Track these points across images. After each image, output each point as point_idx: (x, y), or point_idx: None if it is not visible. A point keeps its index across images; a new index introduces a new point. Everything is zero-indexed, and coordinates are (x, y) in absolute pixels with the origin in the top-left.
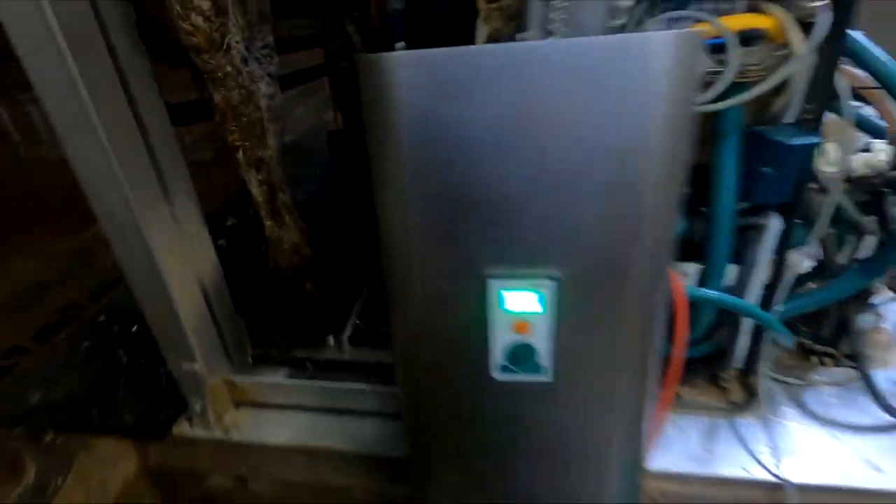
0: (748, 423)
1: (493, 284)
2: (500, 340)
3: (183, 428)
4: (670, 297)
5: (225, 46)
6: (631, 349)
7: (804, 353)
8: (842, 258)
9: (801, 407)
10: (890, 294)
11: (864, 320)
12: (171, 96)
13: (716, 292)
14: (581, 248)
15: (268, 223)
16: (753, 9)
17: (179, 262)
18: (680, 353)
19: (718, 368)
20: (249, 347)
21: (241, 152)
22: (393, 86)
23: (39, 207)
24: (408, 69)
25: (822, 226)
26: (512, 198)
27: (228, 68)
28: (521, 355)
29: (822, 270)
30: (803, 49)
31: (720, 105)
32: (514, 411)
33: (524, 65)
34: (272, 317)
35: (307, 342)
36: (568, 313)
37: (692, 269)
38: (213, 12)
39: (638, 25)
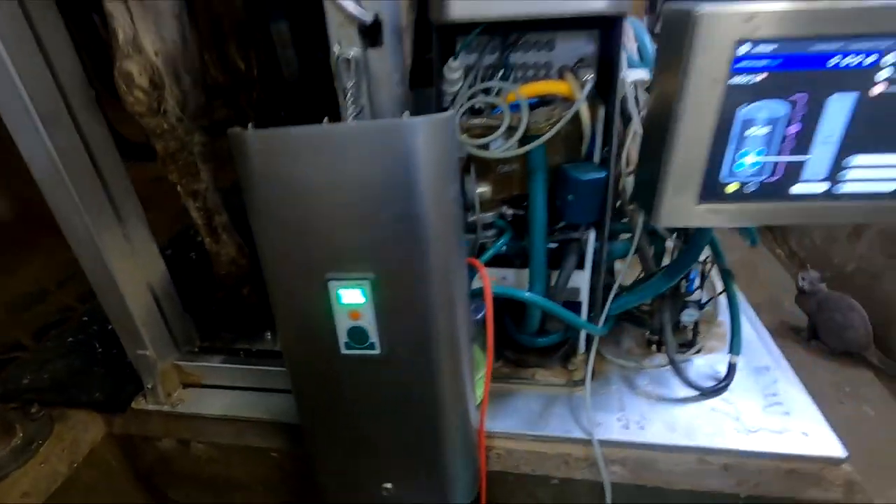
0: (581, 397)
1: (332, 285)
2: (342, 325)
3: (140, 402)
4: (479, 292)
5: (162, 111)
6: (440, 330)
7: (646, 342)
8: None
9: (629, 384)
10: (717, 291)
11: (688, 314)
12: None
13: (526, 292)
14: (384, 257)
15: (207, 240)
16: (561, 76)
17: (130, 271)
18: (490, 337)
19: (570, 354)
20: (198, 340)
21: (179, 187)
22: (246, 152)
23: (45, 219)
24: (254, 142)
25: (636, 239)
26: (337, 226)
27: (165, 126)
28: (357, 335)
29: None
30: (575, 107)
31: (519, 150)
32: (360, 379)
33: (334, 140)
34: (218, 316)
35: (248, 336)
36: (384, 303)
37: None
38: (151, 87)
39: (469, 90)
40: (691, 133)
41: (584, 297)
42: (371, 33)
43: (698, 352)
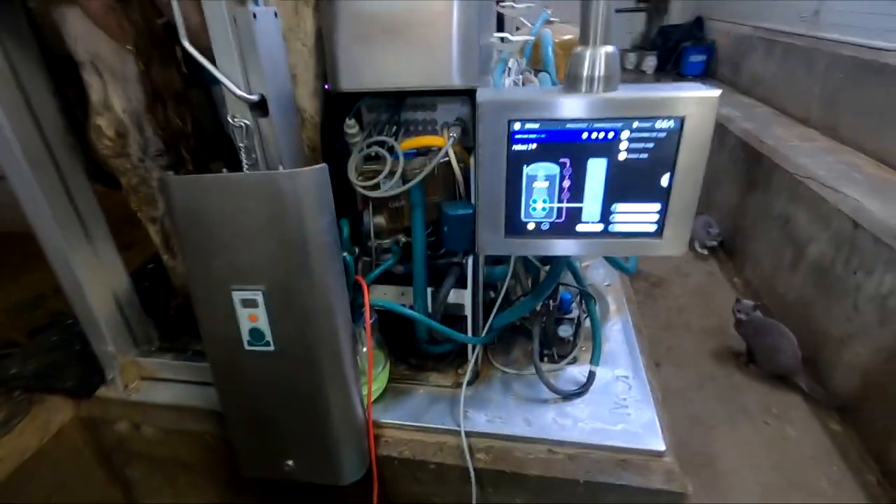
0: (462, 396)
1: (236, 295)
2: (244, 326)
3: (102, 391)
4: (361, 304)
5: (125, 153)
6: (321, 331)
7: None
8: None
9: (506, 387)
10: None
11: (563, 329)
12: None
13: (406, 308)
14: (273, 273)
15: (164, 257)
16: (436, 132)
17: (97, 281)
18: (370, 348)
19: (464, 361)
20: (157, 340)
21: (139, 213)
22: (170, 192)
23: None
24: (175, 185)
25: (511, 264)
26: (237, 249)
27: (128, 165)
28: (256, 335)
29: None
30: (440, 156)
31: (398, 190)
32: (260, 371)
33: (232, 185)
34: (176, 321)
35: (199, 338)
36: (274, 310)
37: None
38: (116, 137)
39: (366, 139)
40: (491, 185)
41: (468, 312)
42: (259, 107)
43: (573, 362)
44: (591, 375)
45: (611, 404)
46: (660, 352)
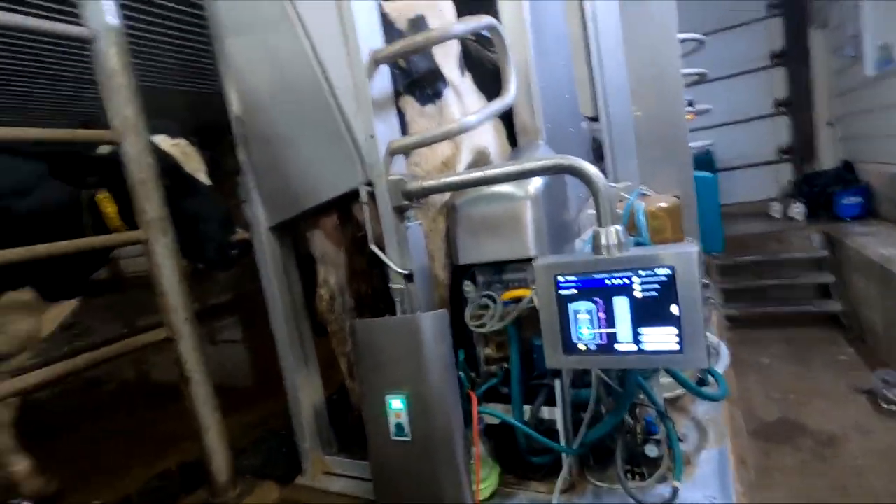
0: (554, 500)
1: (388, 399)
2: (392, 422)
3: (298, 479)
4: (471, 414)
5: (332, 310)
6: (441, 428)
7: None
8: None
9: (598, 498)
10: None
11: (649, 449)
12: None
13: (507, 416)
14: (412, 384)
15: (347, 380)
16: (527, 286)
17: (307, 397)
18: (477, 447)
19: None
20: (335, 444)
21: (336, 349)
22: (355, 331)
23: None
24: (358, 326)
25: (594, 385)
26: (390, 367)
27: (333, 317)
28: (399, 428)
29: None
30: (524, 303)
31: (497, 326)
32: (400, 457)
33: (390, 325)
34: (351, 431)
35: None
36: (412, 409)
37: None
38: (329, 300)
39: (479, 292)
40: (549, 319)
41: (560, 427)
42: (408, 278)
43: (662, 480)
44: (675, 491)
45: None
46: None
